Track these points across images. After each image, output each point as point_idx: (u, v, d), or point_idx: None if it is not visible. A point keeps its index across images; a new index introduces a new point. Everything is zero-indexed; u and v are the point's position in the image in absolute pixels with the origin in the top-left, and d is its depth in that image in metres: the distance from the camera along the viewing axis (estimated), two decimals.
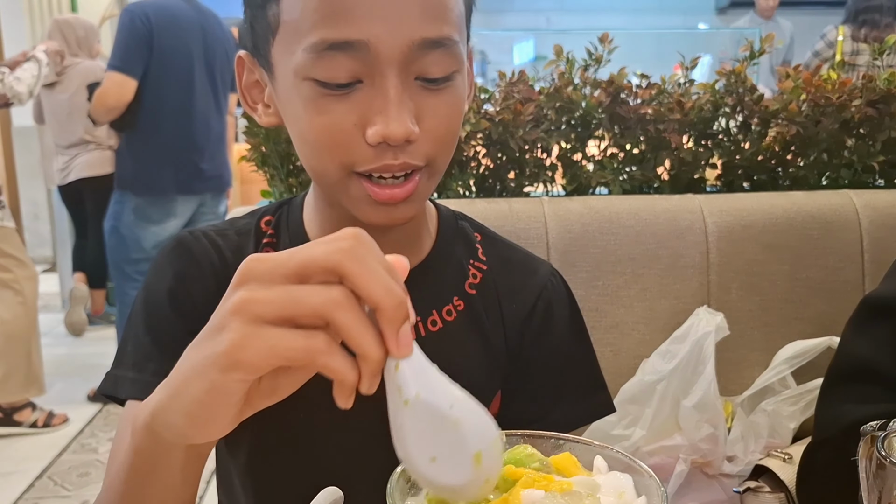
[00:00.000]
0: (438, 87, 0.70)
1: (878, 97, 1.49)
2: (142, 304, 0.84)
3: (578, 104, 1.48)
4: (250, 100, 0.81)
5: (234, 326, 0.46)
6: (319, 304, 0.45)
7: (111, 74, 3.01)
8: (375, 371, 0.46)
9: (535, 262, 0.93)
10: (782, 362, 1.34)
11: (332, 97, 0.69)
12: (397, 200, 0.73)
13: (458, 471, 0.46)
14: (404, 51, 0.67)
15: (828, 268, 1.40)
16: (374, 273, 0.45)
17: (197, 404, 0.49)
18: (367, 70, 0.68)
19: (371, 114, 0.68)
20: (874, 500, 0.62)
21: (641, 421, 1.30)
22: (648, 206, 1.40)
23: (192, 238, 0.85)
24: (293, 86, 0.71)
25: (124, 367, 0.81)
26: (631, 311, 1.38)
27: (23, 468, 2.96)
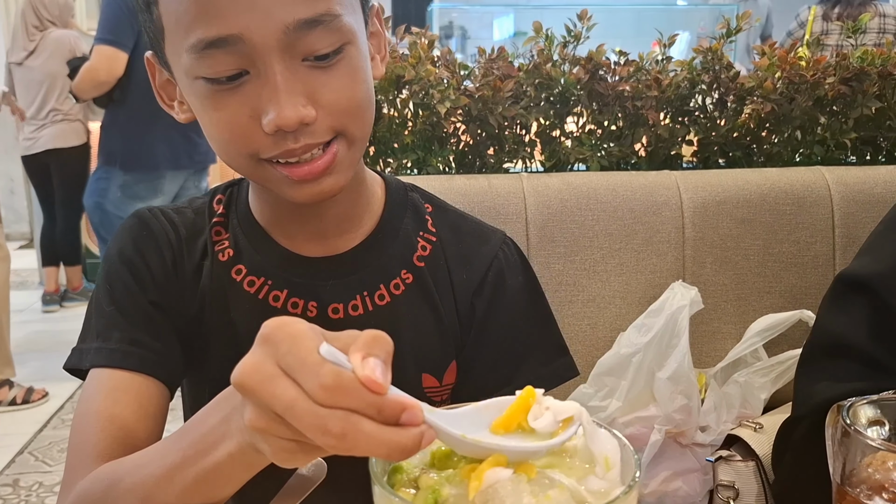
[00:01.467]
0: (329, 62, 0.70)
1: (852, 75, 1.51)
2: (104, 276, 0.86)
3: (557, 81, 1.49)
4: (167, 98, 0.83)
5: (266, 447, 0.49)
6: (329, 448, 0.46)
7: (101, 48, 2.91)
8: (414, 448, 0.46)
9: (487, 231, 0.93)
10: (754, 335, 1.38)
11: (224, 91, 0.69)
12: (317, 174, 0.73)
13: None
14: (280, 37, 0.67)
15: (800, 242, 1.43)
16: (366, 446, 0.45)
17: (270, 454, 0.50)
18: (250, 61, 0.68)
19: (262, 103, 0.69)
20: (839, 467, 0.65)
21: (618, 393, 1.33)
22: (626, 182, 1.42)
23: (150, 215, 0.88)
24: (188, 85, 0.72)
25: (89, 339, 0.82)
26: (608, 286, 1.41)
27: (4, 444, 2.96)
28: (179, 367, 0.85)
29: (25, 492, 2.63)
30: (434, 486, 0.47)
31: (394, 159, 1.49)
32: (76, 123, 4.26)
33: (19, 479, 2.71)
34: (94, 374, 0.80)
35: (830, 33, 3.87)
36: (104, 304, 0.83)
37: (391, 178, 0.92)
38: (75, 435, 0.77)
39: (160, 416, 0.80)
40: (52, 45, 4.02)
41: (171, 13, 0.69)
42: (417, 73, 1.42)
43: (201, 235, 0.87)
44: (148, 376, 0.79)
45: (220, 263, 0.86)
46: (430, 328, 0.87)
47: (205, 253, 0.87)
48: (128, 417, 0.77)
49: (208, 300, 0.86)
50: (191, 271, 0.86)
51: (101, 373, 0.79)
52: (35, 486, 2.66)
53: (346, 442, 0.44)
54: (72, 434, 0.78)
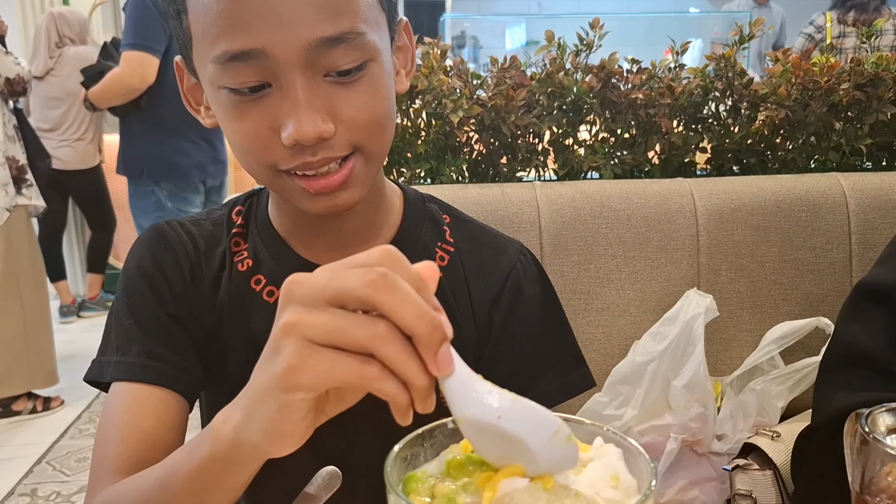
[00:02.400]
0: (351, 78, 0.71)
1: (866, 80, 1.50)
2: (122, 289, 0.86)
3: (570, 89, 1.49)
4: (194, 102, 0.84)
5: (289, 350, 0.48)
6: (364, 339, 0.46)
7: (130, 54, 2.77)
8: (424, 395, 0.47)
9: (504, 242, 0.93)
10: (771, 343, 1.37)
11: (246, 102, 0.70)
12: (333, 188, 0.73)
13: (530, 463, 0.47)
14: (302, 53, 0.68)
15: (816, 249, 1.43)
16: (405, 302, 0.46)
17: (270, 422, 0.51)
18: (273, 75, 0.69)
19: (282, 117, 0.70)
20: (858, 475, 0.64)
21: (633, 401, 1.32)
22: (639, 189, 1.42)
23: (168, 227, 0.89)
24: (213, 94, 0.73)
25: (109, 352, 0.83)
26: (622, 294, 1.40)
27: (22, 454, 2.98)
28: (198, 379, 0.85)
29: (43, 501, 2.64)
30: (450, 495, 0.46)
31: (407, 169, 1.49)
32: (94, 143, 4.32)
33: (37, 489, 2.72)
34: (115, 388, 0.81)
35: (847, 36, 3.85)
36: (123, 317, 0.84)
37: (409, 188, 0.93)
38: (97, 448, 0.78)
39: (180, 428, 0.81)
40: (72, 62, 4.06)
41: (198, 23, 0.70)
42: (430, 83, 1.43)
43: (219, 246, 0.88)
44: (167, 389, 0.80)
45: (238, 274, 0.86)
46: None
47: (223, 264, 0.87)
48: (147, 431, 0.77)
49: (227, 311, 0.86)
50: (209, 283, 0.86)
51: (121, 386, 0.80)
52: (53, 496, 2.68)
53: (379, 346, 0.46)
54: (94, 447, 0.79)
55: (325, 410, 0.53)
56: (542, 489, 0.46)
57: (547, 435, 0.47)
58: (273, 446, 0.53)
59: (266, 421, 0.51)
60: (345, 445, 0.87)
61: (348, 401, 0.54)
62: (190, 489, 0.61)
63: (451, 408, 0.47)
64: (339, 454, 0.80)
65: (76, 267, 5.00)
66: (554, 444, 0.46)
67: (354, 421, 0.88)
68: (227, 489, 0.60)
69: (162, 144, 2.95)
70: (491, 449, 0.48)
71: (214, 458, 0.58)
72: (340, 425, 0.89)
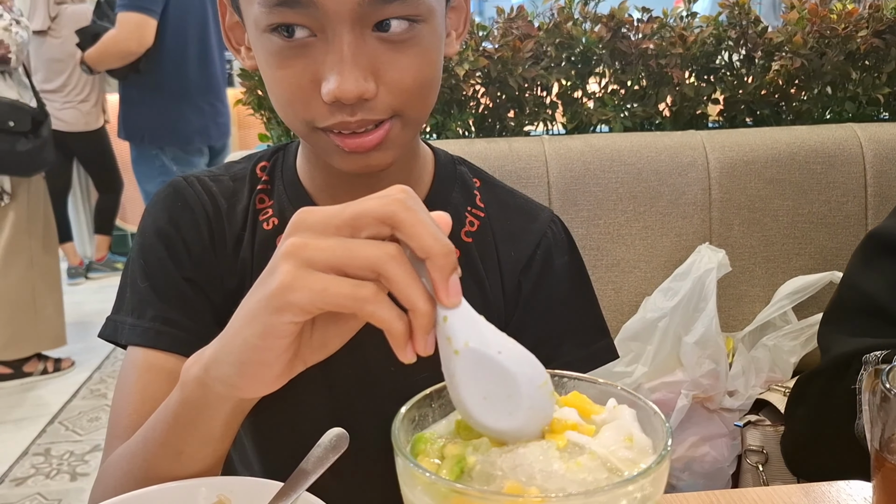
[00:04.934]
0: (400, 37, 0.67)
1: (885, 27, 1.46)
2: (138, 249, 0.84)
3: (578, 40, 1.45)
4: (234, 41, 0.80)
5: (285, 269, 0.47)
6: (372, 256, 0.46)
7: (128, 15, 2.67)
8: (426, 325, 0.46)
9: (536, 208, 0.91)
10: (783, 298, 1.35)
11: (290, 50, 0.67)
12: (367, 148, 0.71)
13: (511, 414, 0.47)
14: (354, 7, 0.64)
15: (831, 202, 1.40)
16: (425, 223, 0.46)
17: (249, 349, 0.50)
18: (320, 26, 0.66)
19: (324, 71, 0.67)
20: (878, 432, 0.63)
21: (643, 358, 1.31)
22: (650, 143, 1.39)
23: (185, 184, 0.85)
24: (256, 37, 0.70)
25: (123, 312, 0.82)
26: (632, 249, 1.38)
27: (35, 414, 3.01)
28: None
29: (57, 460, 2.67)
30: (460, 455, 0.45)
31: None
32: (97, 105, 4.28)
33: (51, 449, 2.76)
34: (131, 352, 0.80)
35: None
36: (139, 279, 0.82)
37: (440, 150, 0.90)
38: (112, 415, 0.78)
39: None
40: (70, 22, 4.00)
41: None
42: None
43: (241, 203, 0.85)
44: (181, 356, 0.79)
45: (264, 232, 0.84)
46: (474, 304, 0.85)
47: (245, 222, 0.84)
48: (160, 399, 0.76)
49: (250, 272, 0.83)
50: (231, 243, 0.83)
51: (135, 351, 0.79)
52: (66, 455, 2.71)
53: (388, 264, 0.45)
54: (110, 413, 0.79)
55: (303, 356, 0.52)
56: (556, 447, 0.45)
57: (537, 382, 0.47)
58: (246, 381, 0.52)
59: (244, 348, 0.50)
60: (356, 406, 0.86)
61: (329, 346, 0.52)
62: (166, 440, 0.61)
63: (451, 340, 0.46)
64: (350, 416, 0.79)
65: (83, 229, 5.00)
66: (540, 393, 0.47)
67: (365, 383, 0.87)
68: (202, 439, 0.60)
69: (163, 109, 2.89)
70: (479, 387, 0.47)
71: (184, 403, 0.58)
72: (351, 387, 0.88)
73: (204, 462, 0.62)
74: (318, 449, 0.60)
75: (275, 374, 0.51)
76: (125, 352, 0.82)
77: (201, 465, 0.62)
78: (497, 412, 0.47)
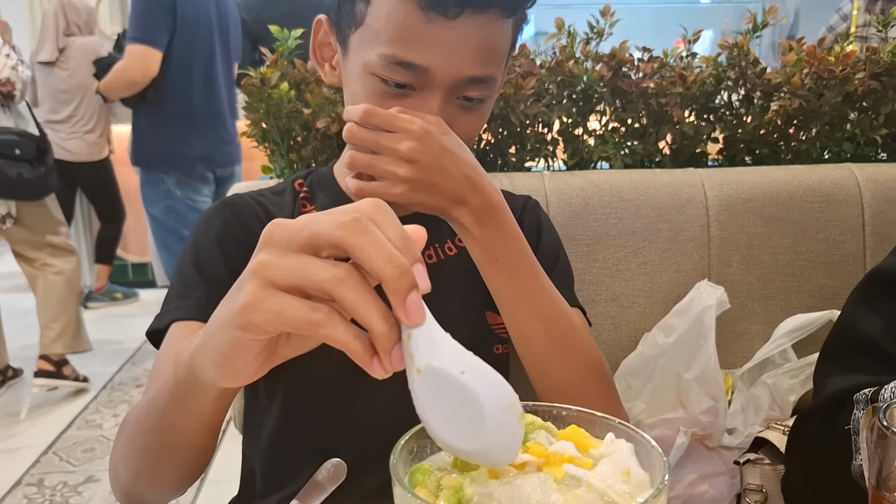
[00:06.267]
0: (472, 105, 0.88)
1: (882, 70, 1.47)
2: (191, 245, 0.94)
3: (580, 78, 1.47)
4: (320, 56, 0.97)
5: (249, 288, 0.49)
6: (324, 280, 0.47)
7: (134, 47, 2.84)
8: (385, 345, 0.47)
9: (515, 196, 1.13)
10: (783, 335, 1.35)
11: (389, 94, 0.85)
12: None
13: (476, 435, 0.46)
14: (452, 81, 0.84)
15: (829, 241, 1.40)
16: (375, 246, 0.46)
17: (222, 356, 0.53)
18: (421, 84, 0.85)
19: None
20: (875, 470, 0.63)
21: (642, 394, 1.30)
22: (650, 180, 1.40)
23: (237, 198, 0.99)
24: (360, 75, 0.86)
25: (169, 301, 0.90)
26: (631, 285, 1.38)
27: (29, 444, 2.99)
28: None
29: (50, 491, 2.65)
30: (457, 487, 0.45)
31: None
32: (103, 136, 4.32)
33: (44, 479, 2.73)
34: (172, 329, 0.86)
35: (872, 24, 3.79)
36: (187, 269, 0.90)
37: None
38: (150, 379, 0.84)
39: None
40: (79, 55, 4.06)
41: (380, 18, 0.83)
42: None
43: (286, 211, 0.98)
44: None
45: None
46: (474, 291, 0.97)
47: None
48: None
49: None
50: None
51: (179, 326, 0.86)
52: (59, 486, 2.68)
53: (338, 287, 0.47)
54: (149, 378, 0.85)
55: (281, 353, 0.55)
56: (553, 479, 0.45)
57: (502, 404, 0.46)
58: (224, 377, 0.55)
59: (218, 354, 0.53)
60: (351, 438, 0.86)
61: (307, 344, 0.55)
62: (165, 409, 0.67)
63: (414, 358, 0.47)
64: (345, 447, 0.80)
65: (83, 258, 5.01)
66: (506, 416, 0.46)
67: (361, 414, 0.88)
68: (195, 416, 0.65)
69: (167, 136, 3.01)
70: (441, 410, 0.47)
71: (178, 383, 0.63)
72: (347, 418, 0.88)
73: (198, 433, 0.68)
74: (319, 476, 0.60)
75: (249, 373, 0.54)
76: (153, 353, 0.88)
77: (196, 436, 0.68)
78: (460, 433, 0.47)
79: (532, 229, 1.08)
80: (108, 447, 2.95)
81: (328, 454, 0.74)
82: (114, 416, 3.21)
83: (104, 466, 0.88)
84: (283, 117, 1.44)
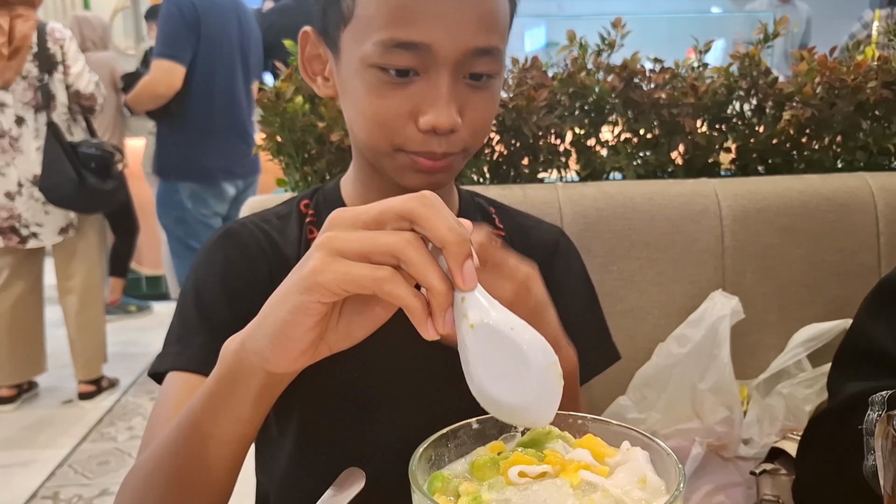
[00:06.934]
0: (481, 84, 0.81)
1: (894, 79, 1.47)
2: (192, 284, 0.90)
3: (592, 89, 1.47)
4: (310, 71, 0.92)
5: (317, 256, 0.54)
6: (391, 242, 0.52)
7: (160, 62, 3.02)
8: (442, 303, 0.51)
9: (546, 224, 1.06)
10: (798, 345, 1.34)
11: (391, 85, 0.79)
12: (438, 170, 0.83)
13: (520, 389, 0.51)
14: (458, 56, 0.78)
15: (843, 251, 1.40)
16: (440, 217, 0.52)
17: (281, 323, 0.56)
18: (425, 66, 0.78)
19: (424, 105, 0.79)
20: (890, 478, 0.63)
21: (657, 405, 1.30)
22: (663, 190, 1.40)
23: (238, 226, 0.93)
24: (357, 71, 0.81)
25: (170, 343, 0.87)
26: (646, 296, 1.38)
27: (43, 457, 3.00)
28: None
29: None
30: (475, 493, 0.46)
31: None
32: None
33: (59, 493, 2.74)
34: (171, 378, 0.84)
35: None
36: (189, 312, 0.87)
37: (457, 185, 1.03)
38: (146, 434, 0.81)
39: None
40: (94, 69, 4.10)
41: (370, 7, 0.78)
42: None
43: (292, 236, 0.94)
44: None
45: None
46: None
47: (299, 253, 0.91)
48: None
49: None
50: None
51: (177, 376, 0.83)
52: (75, 499, 2.69)
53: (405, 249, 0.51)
54: (145, 433, 0.82)
55: (329, 342, 0.58)
56: (570, 485, 0.45)
57: (546, 360, 0.51)
58: (276, 352, 0.57)
59: (276, 322, 0.56)
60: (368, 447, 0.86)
61: (354, 335, 0.58)
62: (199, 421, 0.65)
63: (468, 316, 0.51)
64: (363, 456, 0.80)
65: None
66: (549, 373, 0.51)
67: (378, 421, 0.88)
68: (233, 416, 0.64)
69: (187, 146, 3.17)
70: (490, 365, 0.51)
71: (220, 379, 0.63)
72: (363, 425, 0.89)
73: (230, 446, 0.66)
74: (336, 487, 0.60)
75: (300, 349, 0.57)
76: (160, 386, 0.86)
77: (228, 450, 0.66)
78: (507, 387, 0.51)
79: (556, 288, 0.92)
80: (122, 460, 2.96)
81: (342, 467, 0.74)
82: (128, 429, 3.23)
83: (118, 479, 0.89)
84: (297, 131, 1.46)
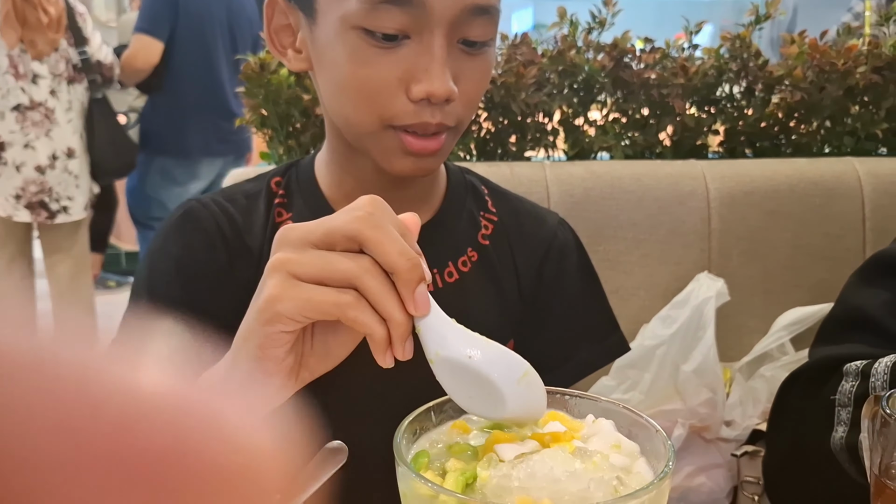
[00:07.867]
0: (476, 51, 0.72)
1: (884, 64, 1.47)
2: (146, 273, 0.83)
3: (581, 68, 1.46)
4: (278, 43, 0.81)
5: (271, 283, 0.50)
6: (349, 269, 0.49)
7: (138, 37, 3.04)
8: (401, 334, 0.49)
9: (543, 212, 0.96)
10: (781, 329, 1.35)
11: (378, 50, 0.69)
12: (429, 152, 0.74)
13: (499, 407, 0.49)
14: (456, 13, 0.69)
15: (829, 235, 1.40)
16: (389, 239, 0.49)
17: (253, 360, 0.53)
18: (417, 27, 0.69)
19: (416, 71, 0.70)
20: (877, 458, 0.63)
21: (640, 385, 1.30)
22: (651, 171, 1.40)
23: (199, 206, 0.84)
24: (338, 34, 0.71)
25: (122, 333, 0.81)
26: (631, 277, 1.38)
27: None
28: None
29: None
30: (463, 469, 0.45)
31: None
32: None
33: None
34: None
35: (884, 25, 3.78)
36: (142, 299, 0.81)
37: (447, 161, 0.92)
38: None
39: None
40: None
41: None
42: None
43: (259, 219, 0.84)
44: None
45: None
46: (492, 305, 0.87)
47: (264, 237, 0.83)
48: None
49: None
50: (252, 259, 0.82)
51: None
52: None
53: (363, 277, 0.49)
54: None
55: (310, 366, 0.55)
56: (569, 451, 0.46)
57: (515, 377, 0.49)
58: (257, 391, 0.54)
59: (249, 361, 0.53)
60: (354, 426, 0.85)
61: (333, 356, 0.55)
62: None
63: (425, 348, 0.50)
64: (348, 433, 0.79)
65: None
66: (522, 387, 0.49)
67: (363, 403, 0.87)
68: None
69: (166, 121, 3.20)
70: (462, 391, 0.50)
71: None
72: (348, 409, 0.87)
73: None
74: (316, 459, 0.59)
75: (279, 383, 0.53)
76: None
77: None
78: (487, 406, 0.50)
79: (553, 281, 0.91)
80: None
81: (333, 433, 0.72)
82: None
83: None
84: (282, 103, 1.43)
